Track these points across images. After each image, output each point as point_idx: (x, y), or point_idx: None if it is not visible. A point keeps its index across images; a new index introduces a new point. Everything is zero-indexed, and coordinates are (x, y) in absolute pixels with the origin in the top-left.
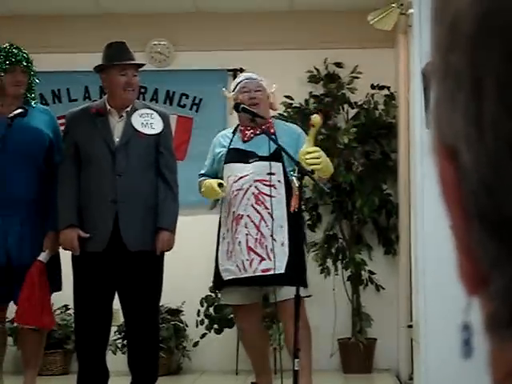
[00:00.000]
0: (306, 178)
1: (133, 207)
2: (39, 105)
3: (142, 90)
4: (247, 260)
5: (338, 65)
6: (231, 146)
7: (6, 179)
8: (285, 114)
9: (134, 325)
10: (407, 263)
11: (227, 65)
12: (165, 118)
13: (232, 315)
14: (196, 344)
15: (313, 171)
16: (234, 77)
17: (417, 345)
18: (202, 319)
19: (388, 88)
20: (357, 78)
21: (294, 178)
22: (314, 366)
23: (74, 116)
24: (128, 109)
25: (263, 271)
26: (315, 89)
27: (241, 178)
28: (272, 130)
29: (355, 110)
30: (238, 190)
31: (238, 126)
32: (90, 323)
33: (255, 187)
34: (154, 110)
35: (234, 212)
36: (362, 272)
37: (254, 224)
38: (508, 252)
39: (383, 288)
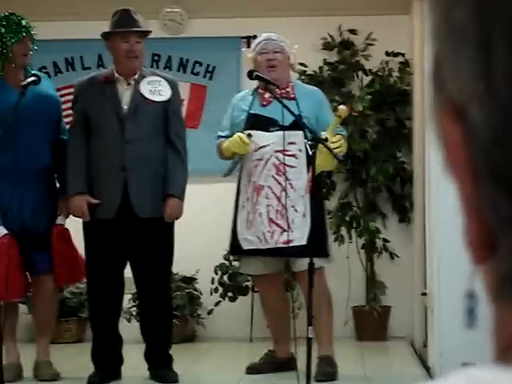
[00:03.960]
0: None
1: (142, 174)
2: (37, 71)
3: (156, 58)
4: (268, 232)
5: (353, 32)
6: (251, 111)
7: (20, 148)
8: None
9: (146, 292)
10: (421, 231)
11: (241, 32)
12: (173, 85)
13: (247, 283)
14: (210, 312)
15: (326, 139)
16: (248, 44)
17: (431, 312)
18: (216, 287)
19: (403, 55)
20: (371, 44)
21: (307, 145)
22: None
23: (82, 85)
24: (135, 76)
25: (284, 243)
26: (329, 56)
27: (261, 147)
28: (292, 95)
29: (370, 78)
30: (258, 159)
31: (257, 88)
32: (102, 290)
33: (276, 157)
34: (162, 77)
35: (254, 182)
36: (377, 240)
37: (275, 195)
38: None
39: (397, 256)
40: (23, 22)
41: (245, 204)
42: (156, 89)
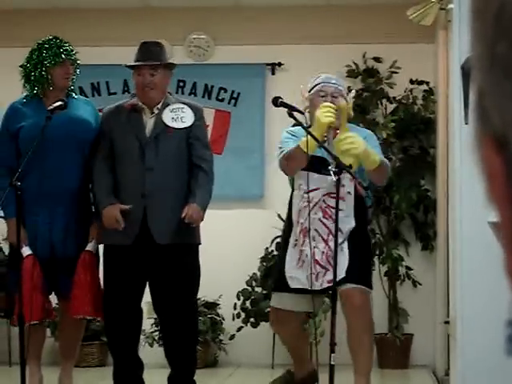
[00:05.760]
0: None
1: (162, 201)
2: (80, 96)
3: (181, 84)
4: (313, 274)
5: (377, 59)
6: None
7: (46, 171)
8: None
9: (170, 319)
10: (444, 259)
11: (266, 59)
12: (197, 111)
13: (269, 309)
14: (232, 337)
15: (351, 166)
16: (273, 71)
17: (453, 341)
18: (239, 312)
19: (427, 83)
20: (396, 72)
21: (331, 172)
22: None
23: (110, 112)
24: (159, 105)
25: (328, 282)
26: (354, 83)
27: (311, 190)
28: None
29: (394, 105)
30: (307, 201)
31: (309, 126)
32: (119, 316)
33: (323, 201)
34: (186, 104)
35: (301, 223)
36: (399, 267)
37: (322, 238)
38: None
39: (420, 284)
40: (65, 46)
41: (296, 243)
42: (178, 116)
